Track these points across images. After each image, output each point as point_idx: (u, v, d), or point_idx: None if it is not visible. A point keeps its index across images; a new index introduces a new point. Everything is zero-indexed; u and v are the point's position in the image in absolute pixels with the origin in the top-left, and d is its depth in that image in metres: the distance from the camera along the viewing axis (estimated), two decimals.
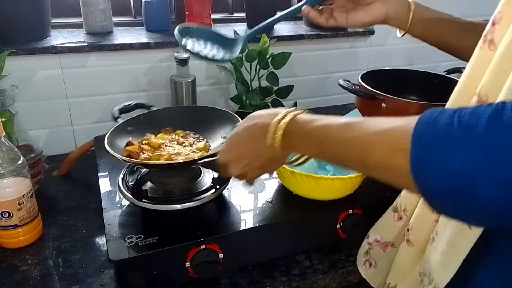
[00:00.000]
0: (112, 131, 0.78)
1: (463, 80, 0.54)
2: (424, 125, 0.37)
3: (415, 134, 0.36)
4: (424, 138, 0.36)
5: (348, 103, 1.33)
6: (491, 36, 0.49)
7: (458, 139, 0.34)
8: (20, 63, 0.96)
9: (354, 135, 0.44)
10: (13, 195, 0.70)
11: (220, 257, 0.66)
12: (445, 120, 0.35)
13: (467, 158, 0.33)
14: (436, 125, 0.36)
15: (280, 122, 0.52)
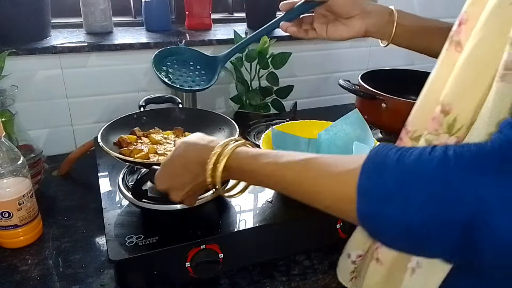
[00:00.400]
0: (106, 127, 0.79)
1: (428, 85, 0.51)
2: (367, 180, 0.37)
3: (359, 188, 0.37)
4: (368, 194, 0.37)
5: (348, 103, 1.33)
6: (457, 38, 0.47)
7: (400, 197, 0.35)
8: (20, 63, 0.96)
9: (301, 180, 0.44)
10: (13, 195, 0.70)
11: (220, 257, 0.66)
12: (389, 175, 0.36)
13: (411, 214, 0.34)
14: (379, 181, 0.36)
15: (219, 158, 0.51)
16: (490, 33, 0.41)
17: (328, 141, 0.85)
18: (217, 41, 1.12)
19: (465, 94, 0.44)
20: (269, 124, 1.08)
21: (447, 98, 0.45)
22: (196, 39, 1.11)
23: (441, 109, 0.45)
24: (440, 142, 0.46)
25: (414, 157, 0.36)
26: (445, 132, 0.45)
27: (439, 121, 0.46)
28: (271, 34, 1.20)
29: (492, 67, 0.41)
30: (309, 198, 0.45)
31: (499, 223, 0.31)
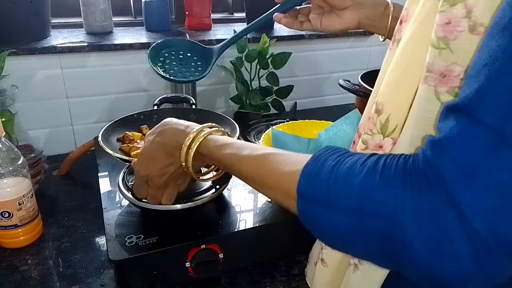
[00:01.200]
0: (107, 127, 0.79)
1: (374, 87, 0.51)
2: (303, 182, 0.40)
3: (298, 189, 0.40)
4: (303, 195, 0.40)
5: (348, 103, 1.33)
6: (399, 36, 0.46)
7: (327, 203, 0.37)
8: (20, 63, 0.96)
9: (254, 175, 0.47)
10: (13, 195, 0.70)
11: (220, 257, 0.66)
12: (321, 181, 0.38)
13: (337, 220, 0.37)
14: (313, 185, 0.39)
15: (191, 144, 0.54)
16: (418, 30, 0.41)
17: (328, 141, 0.85)
18: (217, 41, 1.12)
19: (395, 92, 0.43)
20: (269, 124, 1.08)
21: (380, 97, 0.45)
22: (196, 39, 1.11)
23: (375, 108, 0.46)
24: (375, 142, 0.46)
25: (348, 166, 0.37)
26: (379, 132, 0.45)
27: (373, 121, 0.46)
28: (271, 34, 1.20)
29: (419, 66, 0.40)
30: (264, 193, 0.47)
31: (413, 237, 0.32)
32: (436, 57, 0.37)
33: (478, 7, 0.34)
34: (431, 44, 0.37)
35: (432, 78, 0.38)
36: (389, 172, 0.35)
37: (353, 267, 0.52)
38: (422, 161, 0.33)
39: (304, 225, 0.41)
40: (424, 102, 0.39)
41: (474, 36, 0.34)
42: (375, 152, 0.39)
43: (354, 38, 1.32)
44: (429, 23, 0.39)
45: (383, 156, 0.37)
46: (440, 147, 0.32)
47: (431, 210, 0.31)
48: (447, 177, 0.31)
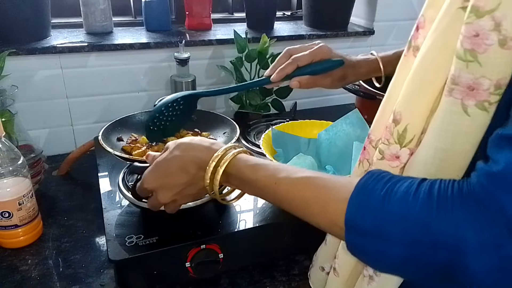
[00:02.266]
0: (107, 126, 0.79)
1: (387, 91, 0.50)
2: (353, 214, 0.39)
3: (346, 220, 0.39)
4: (354, 227, 0.39)
5: (348, 103, 1.33)
6: (415, 42, 0.45)
7: (383, 236, 0.37)
8: (20, 63, 0.96)
9: (297, 197, 0.45)
10: (13, 195, 0.70)
11: (220, 257, 0.66)
12: (373, 213, 0.37)
13: (393, 253, 0.36)
14: (364, 218, 0.38)
15: (220, 162, 0.52)
16: (439, 38, 0.40)
17: (328, 141, 0.85)
18: (217, 41, 1.13)
19: (414, 102, 0.43)
20: (269, 124, 1.08)
21: (398, 106, 0.44)
22: (196, 39, 1.11)
23: (393, 118, 0.45)
24: (391, 153, 0.45)
25: (399, 196, 0.36)
26: (396, 142, 0.45)
27: (390, 130, 0.45)
28: (271, 34, 1.20)
29: (440, 76, 0.40)
30: (303, 217, 0.46)
31: (476, 267, 0.33)
32: (463, 69, 0.36)
33: (507, 21, 0.33)
34: (457, 56, 0.37)
35: (459, 91, 0.37)
36: (446, 201, 0.34)
37: (368, 278, 0.51)
38: (479, 191, 0.34)
39: (352, 254, 0.41)
40: (449, 115, 0.38)
41: (504, 50, 0.34)
42: (424, 178, 0.38)
43: (354, 38, 1.32)
44: (452, 32, 0.38)
45: (435, 184, 0.36)
46: (500, 180, 0.32)
47: (494, 241, 0.32)
48: (509, 210, 0.31)
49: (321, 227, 0.44)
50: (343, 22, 1.33)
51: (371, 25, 1.33)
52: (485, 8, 0.34)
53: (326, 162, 0.85)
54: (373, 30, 1.32)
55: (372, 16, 1.32)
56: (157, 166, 0.56)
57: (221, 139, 0.81)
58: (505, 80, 0.35)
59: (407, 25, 1.39)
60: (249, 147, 0.98)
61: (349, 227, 0.39)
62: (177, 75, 1.06)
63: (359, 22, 1.38)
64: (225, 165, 0.51)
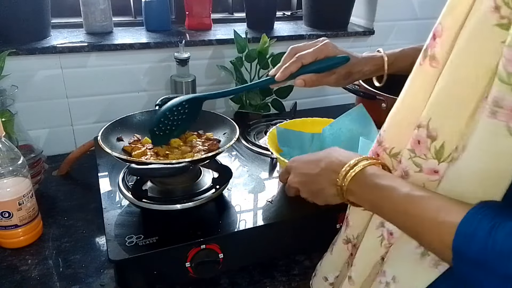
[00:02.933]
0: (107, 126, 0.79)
1: (401, 100, 0.49)
2: (460, 243, 0.38)
3: (454, 247, 0.39)
4: (461, 255, 0.38)
5: (348, 103, 1.33)
6: (432, 51, 0.44)
7: (486, 269, 0.36)
8: (20, 63, 0.96)
9: (411, 213, 0.44)
10: (13, 195, 0.70)
11: (220, 257, 0.66)
12: (479, 246, 0.37)
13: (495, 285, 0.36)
14: (470, 249, 0.37)
15: (349, 171, 0.52)
16: (474, 56, 0.39)
17: (333, 136, 0.85)
18: (217, 41, 1.13)
19: (449, 118, 0.43)
20: (269, 124, 1.08)
21: (432, 123, 0.44)
22: (196, 39, 1.11)
23: (427, 134, 0.44)
24: (429, 167, 0.45)
25: (507, 231, 0.36)
26: (434, 158, 0.45)
27: (427, 146, 0.45)
28: (271, 34, 1.20)
29: (477, 94, 0.40)
30: (412, 235, 0.45)
31: None
32: (507, 93, 0.36)
33: None
34: (500, 79, 0.36)
35: (503, 113, 0.37)
36: None
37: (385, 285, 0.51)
38: None
39: (458, 275, 0.41)
40: (492, 136, 0.38)
41: None
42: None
43: (354, 38, 1.32)
44: (487, 50, 0.38)
45: None
46: None
47: None
48: None
49: (432, 248, 0.43)
50: (343, 22, 1.33)
51: (371, 25, 1.33)
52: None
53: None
54: (373, 30, 1.32)
55: (372, 16, 1.32)
56: (307, 163, 0.59)
57: (222, 139, 0.81)
58: None
59: (407, 25, 1.40)
60: (249, 147, 0.98)
61: (455, 253, 0.39)
62: (177, 75, 1.06)
63: (359, 22, 1.38)
64: (355, 171, 0.51)
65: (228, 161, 0.91)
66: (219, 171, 0.77)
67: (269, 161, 0.92)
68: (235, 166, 0.89)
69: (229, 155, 0.94)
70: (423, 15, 1.37)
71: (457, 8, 0.41)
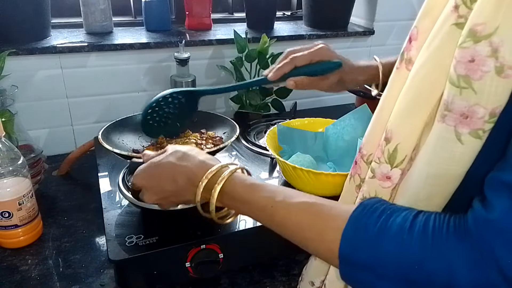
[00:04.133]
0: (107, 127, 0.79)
1: (378, 105, 0.47)
2: (346, 248, 0.38)
3: (340, 253, 0.39)
4: (348, 260, 0.39)
5: (348, 103, 1.33)
6: (408, 55, 0.43)
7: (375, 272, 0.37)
8: (20, 63, 0.96)
9: (293, 221, 0.44)
10: (13, 195, 0.70)
11: (220, 257, 0.66)
12: (366, 249, 0.37)
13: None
14: (358, 253, 0.38)
15: (215, 179, 0.49)
16: (433, 56, 0.38)
17: (336, 135, 0.85)
18: (217, 41, 1.13)
19: (405, 121, 0.41)
20: (269, 124, 1.08)
21: (390, 124, 0.43)
22: (196, 39, 1.11)
23: (384, 136, 0.43)
24: (382, 172, 0.44)
25: (393, 232, 0.36)
26: (386, 162, 0.43)
27: (382, 149, 0.43)
28: (271, 34, 1.20)
29: (432, 96, 0.38)
30: (300, 243, 0.45)
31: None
32: (456, 95, 0.35)
33: (505, 47, 0.31)
34: (450, 81, 0.35)
35: (452, 118, 0.35)
36: (441, 240, 0.34)
37: None
38: (475, 233, 0.33)
39: (346, 283, 0.41)
40: (442, 141, 0.37)
41: (501, 79, 0.32)
42: (418, 211, 0.37)
43: (354, 38, 1.32)
44: (445, 50, 0.37)
45: (429, 220, 0.36)
46: (495, 227, 0.32)
47: (486, 282, 0.32)
48: (499, 255, 0.31)
49: (317, 254, 0.44)
50: (343, 22, 1.33)
51: (371, 25, 1.32)
52: (482, 32, 0.32)
53: (332, 156, 0.85)
54: (373, 30, 1.32)
55: (372, 16, 1.32)
56: (149, 167, 0.55)
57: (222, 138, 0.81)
58: (500, 108, 0.33)
59: (407, 25, 1.39)
60: (249, 147, 0.98)
61: (343, 259, 0.39)
62: (177, 75, 1.06)
63: (359, 22, 1.38)
64: (222, 183, 0.49)
65: (228, 161, 0.91)
66: None
67: (269, 161, 0.92)
68: None
69: (229, 155, 0.94)
70: None
71: (433, 11, 0.40)
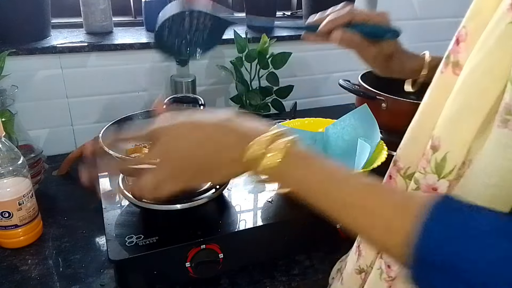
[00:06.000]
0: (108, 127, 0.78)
1: (419, 112, 0.44)
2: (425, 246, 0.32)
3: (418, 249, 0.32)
4: (424, 261, 0.33)
5: (348, 103, 1.33)
6: (455, 58, 0.40)
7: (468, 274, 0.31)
8: (20, 63, 0.96)
9: (356, 204, 0.38)
10: (13, 195, 0.70)
11: (220, 257, 0.66)
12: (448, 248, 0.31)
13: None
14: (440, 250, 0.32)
15: (277, 141, 0.40)
16: (486, 59, 0.36)
17: (336, 135, 0.85)
18: None
19: (455, 128, 0.38)
20: None
21: (437, 131, 0.40)
22: None
23: (431, 144, 0.40)
24: (428, 183, 0.41)
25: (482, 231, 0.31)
26: (433, 172, 0.40)
27: (428, 158, 0.40)
28: (271, 34, 1.20)
29: (486, 102, 0.36)
30: (355, 228, 0.39)
31: None
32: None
33: None
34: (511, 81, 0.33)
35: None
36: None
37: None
38: None
39: (414, 284, 0.34)
40: (503, 148, 0.34)
41: None
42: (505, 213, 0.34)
43: None
44: (501, 51, 0.34)
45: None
46: None
47: None
48: None
49: (381, 247, 0.38)
50: None
51: None
52: None
53: (332, 156, 0.85)
54: None
55: None
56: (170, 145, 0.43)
57: None
58: None
59: (407, 25, 1.39)
60: None
61: (420, 256, 0.32)
62: (177, 75, 1.06)
63: None
64: (287, 144, 0.40)
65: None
66: None
67: None
68: None
69: None
70: (423, 15, 1.36)
71: (484, 10, 0.37)
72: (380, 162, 0.75)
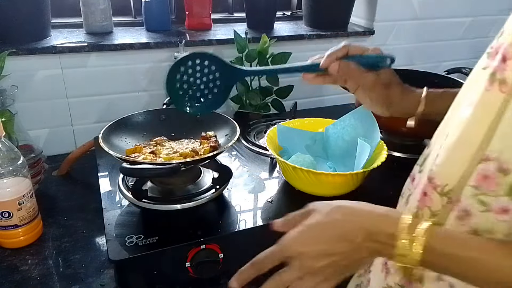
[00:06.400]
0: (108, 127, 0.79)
1: (461, 130, 0.43)
2: None
3: None
4: None
5: (348, 103, 1.33)
6: (501, 75, 0.39)
7: None
8: (20, 63, 0.96)
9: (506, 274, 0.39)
10: (13, 195, 0.70)
11: (220, 257, 0.66)
12: None
13: None
14: None
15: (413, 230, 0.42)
16: None
17: (336, 135, 0.85)
18: (217, 41, 1.12)
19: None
20: (269, 124, 1.08)
21: (505, 155, 0.40)
22: (196, 39, 1.11)
23: (497, 167, 0.40)
24: (500, 206, 0.41)
25: None
26: (506, 194, 0.41)
27: (497, 181, 0.41)
28: (271, 34, 1.20)
29: None
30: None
31: None
32: None
33: None
34: None
35: None
36: None
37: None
38: None
39: None
40: None
41: None
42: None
43: (354, 38, 1.32)
44: None
45: None
46: None
47: None
48: None
49: None
50: (343, 22, 1.33)
51: (371, 25, 1.32)
52: None
53: (332, 156, 0.85)
54: (373, 30, 1.32)
55: (372, 16, 1.32)
56: (309, 229, 0.48)
57: (222, 140, 0.81)
58: None
59: (407, 25, 1.40)
60: (249, 147, 0.98)
61: None
62: None
63: (359, 22, 1.38)
64: (422, 233, 0.41)
65: (228, 161, 0.91)
66: (219, 171, 0.77)
67: (269, 161, 0.92)
68: (235, 166, 0.89)
69: (229, 155, 0.94)
70: (423, 15, 1.36)
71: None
72: (380, 162, 0.75)
